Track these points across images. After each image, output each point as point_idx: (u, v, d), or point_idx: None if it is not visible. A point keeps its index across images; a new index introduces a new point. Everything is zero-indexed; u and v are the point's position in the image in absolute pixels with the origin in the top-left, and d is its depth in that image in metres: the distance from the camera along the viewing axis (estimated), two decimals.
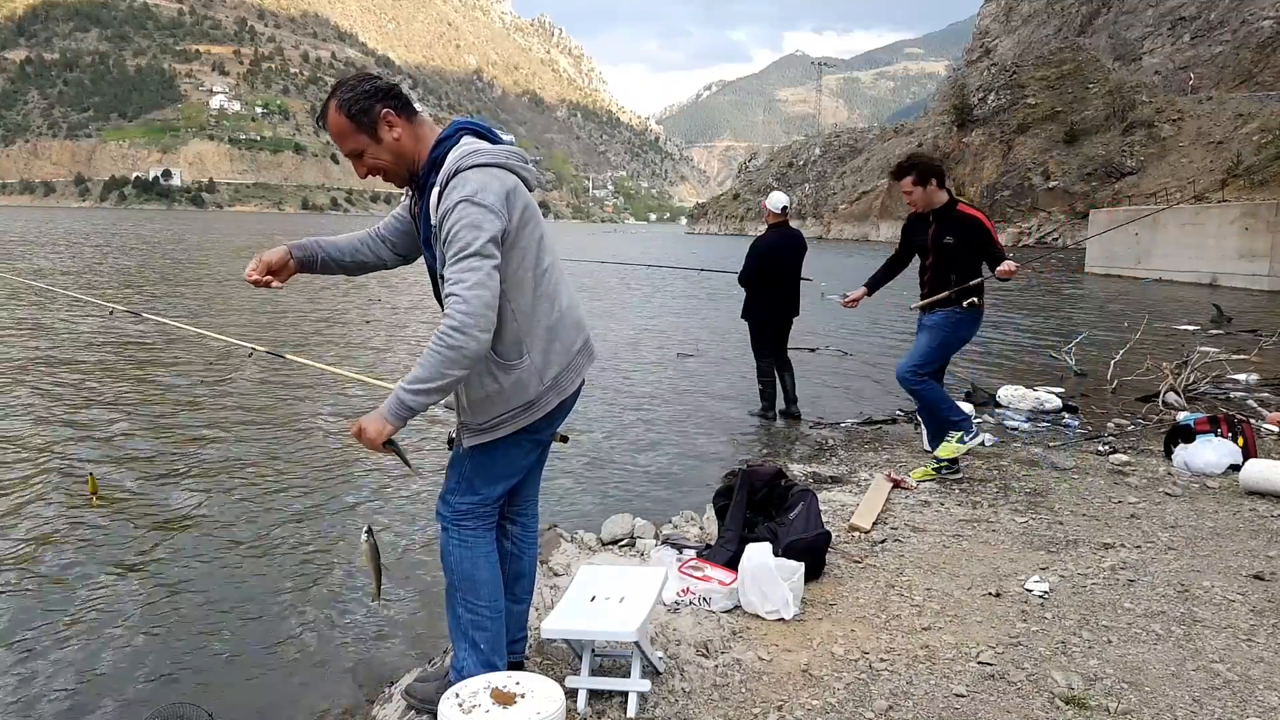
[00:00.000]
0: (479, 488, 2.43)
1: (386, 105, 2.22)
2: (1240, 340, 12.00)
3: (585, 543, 4.22)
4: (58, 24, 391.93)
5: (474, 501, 2.43)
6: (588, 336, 2.47)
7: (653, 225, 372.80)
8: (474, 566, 2.44)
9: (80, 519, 4.76)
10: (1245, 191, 37.01)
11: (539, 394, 2.33)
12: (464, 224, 2.09)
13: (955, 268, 5.12)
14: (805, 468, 5.52)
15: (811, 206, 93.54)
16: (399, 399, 2.10)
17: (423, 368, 2.08)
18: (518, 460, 2.46)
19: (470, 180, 2.14)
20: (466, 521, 2.43)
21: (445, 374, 2.08)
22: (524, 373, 2.29)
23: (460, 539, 2.43)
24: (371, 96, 2.21)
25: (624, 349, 11.61)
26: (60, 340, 10.81)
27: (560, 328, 2.35)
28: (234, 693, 3.09)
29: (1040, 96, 69.06)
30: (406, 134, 2.26)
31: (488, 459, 2.41)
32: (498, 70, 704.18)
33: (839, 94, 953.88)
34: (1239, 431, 5.29)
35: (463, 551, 2.43)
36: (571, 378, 2.40)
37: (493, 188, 2.15)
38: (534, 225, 2.27)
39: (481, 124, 2.36)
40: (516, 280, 2.23)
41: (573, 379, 2.41)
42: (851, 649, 2.91)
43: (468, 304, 2.06)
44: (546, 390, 2.34)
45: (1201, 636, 3.00)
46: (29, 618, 3.64)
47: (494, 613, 2.47)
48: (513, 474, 2.48)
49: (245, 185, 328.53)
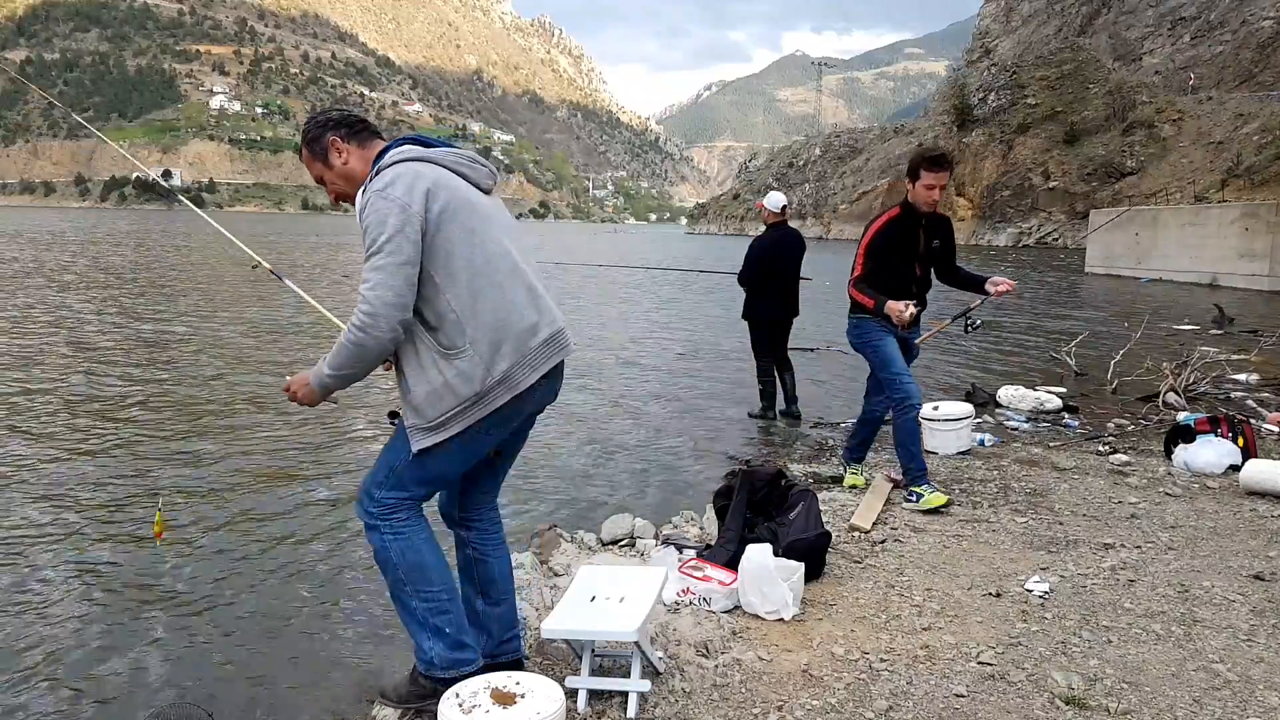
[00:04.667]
0: (408, 485, 2.37)
1: (335, 133, 2.39)
2: (1240, 340, 12.00)
3: (585, 543, 4.22)
4: (58, 24, 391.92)
5: (401, 496, 2.37)
6: (554, 332, 2.39)
7: (653, 225, 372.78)
8: (418, 554, 2.38)
9: (79, 517, 4.76)
10: (1245, 191, 37.01)
11: (487, 387, 2.25)
12: (371, 218, 2.17)
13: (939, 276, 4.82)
14: (805, 468, 5.52)
15: (811, 206, 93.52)
16: (320, 377, 2.25)
17: (335, 356, 2.22)
18: (455, 464, 2.38)
19: (384, 175, 2.22)
20: (396, 514, 2.37)
21: (355, 364, 2.23)
22: (468, 363, 2.23)
23: (394, 532, 2.37)
24: (322, 126, 2.40)
25: (624, 349, 11.61)
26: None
27: (511, 320, 2.28)
28: (234, 693, 3.08)
29: (1040, 96, 69.04)
30: (355, 158, 2.39)
31: (428, 458, 2.33)
32: (498, 70, 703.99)
33: (839, 94, 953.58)
34: (1239, 432, 5.29)
35: (401, 543, 2.37)
36: (526, 373, 2.31)
37: (403, 181, 2.18)
38: (462, 219, 2.24)
39: (430, 137, 2.41)
40: (448, 272, 2.21)
41: (527, 374, 2.31)
42: (851, 649, 2.91)
43: (369, 305, 2.13)
44: (496, 384, 2.26)
45: (1201, 636, 3.00)
46: (28, 617, 3.64)
47: (450, 593, 2.43)
48: (448, 478, 2.42)
49: (245, 185, 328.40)
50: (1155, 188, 48.70)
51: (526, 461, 6.12)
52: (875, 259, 4.59)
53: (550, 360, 2.36)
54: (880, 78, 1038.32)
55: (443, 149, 2.35)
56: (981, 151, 70.37)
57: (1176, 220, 27.52)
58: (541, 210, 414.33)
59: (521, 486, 5.56)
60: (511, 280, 2.31)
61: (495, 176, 2.45)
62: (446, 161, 2.30)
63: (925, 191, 4.50)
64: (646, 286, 23.11)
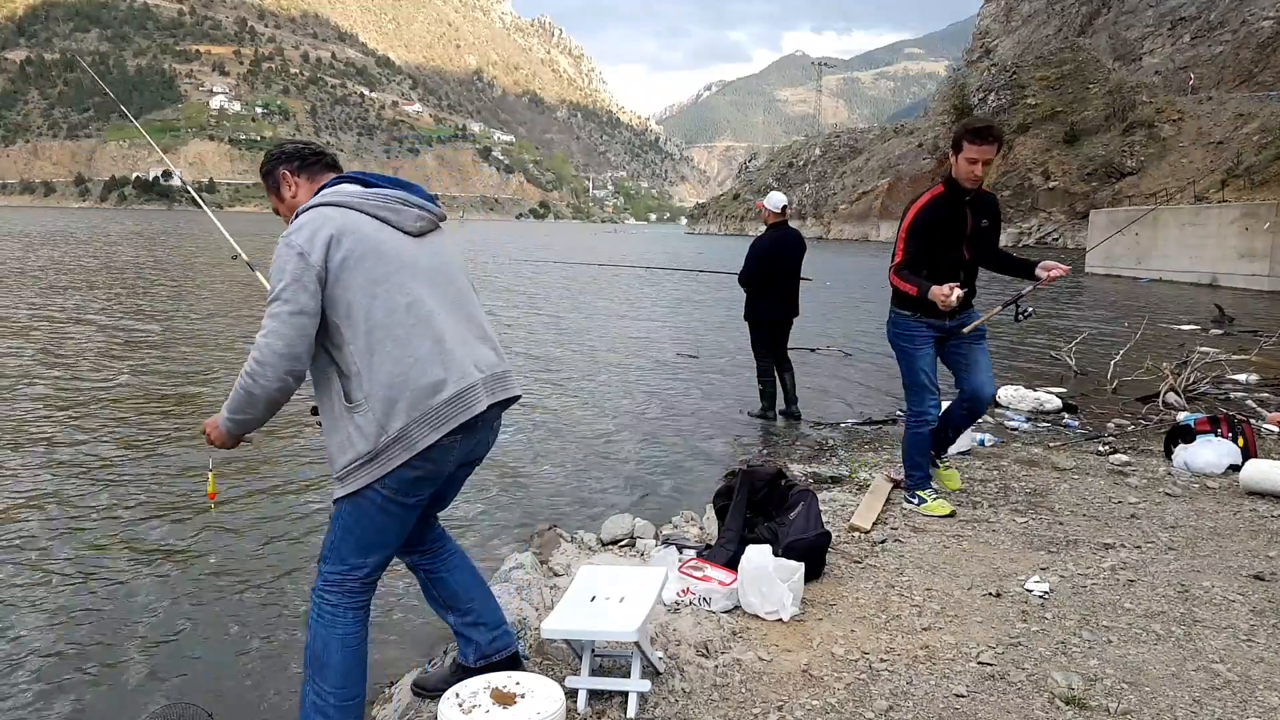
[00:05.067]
0: (346, 555, 2.25)
1: (286, 165, 2.41)
2: (1240, 340, 12.00)
3: (585, 543, 4.22)
4: (58, 24, 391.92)
5: (342, 571, 2.27)
6: (463, 388, 2.21)
7: (653, 225, 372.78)
8: (325, 648, 2.27)
9: (77, 517, 4.77)
10: (1245, 191, 36.98)
11: (381, 445, 2.12)
12: (275, 264, 2.14)
13: (980, 259, 4.38)
14: (805, 468, 5.52)
15: (811, 206, 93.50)
16: (224, 421, 2.21)
17: (231, 401, 2.18)
18: (386, 527, 2.25)
19: (297, 220, 2.20)
20: (329, 594, 2.28)
21: (247, 411, 2.17)
22: (363, 418, 2.13)
23: (319, 612, 2.28)
24: (276, 160, 2.43)
25: (624, 349, 11.61)
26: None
27: (410, 376, 2.14)
28: (234, 693, 3.08)
29: (1040, 96, 69.02)
30: (304, 191, 2.39)
31: (353, 520, 2.23)
32: (498, 70, 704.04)
33: (839, 94, 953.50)
34: (1239, 431, 5.29)
35: (318, 628, 2.27)
36: (425, 432, 2.14)
37: (308, 228, 2.13)
38: (366, 268, 2.14)
39: (371, 175, 2.35)
40: (349, 323, 2.13)
41: (425, 433, 2.14)
42: (851, 649, 2.91)
43: (259, 353, 2.10)
44: (391, 443, 2.12)
45: (1201, 636, 3.00)
46: (27, 616, 3.64)
47: (340, 702, 2.27)
48: (384, 543, 2.28)
49: (245, 185, 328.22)
50: (1155, 188, 48.68)
51: (527, 461, 6.12)
52: (917, 241, 4.23)
53: (456, 418, 2.19)
54: (880, 78, 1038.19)
55: (373, 190, 2.27)
56: None
57: (1176, 220, 27.53)
58: (541, 210, 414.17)
59: (522, 486, 5.56)
60: (416, 333, 2.17)
61: (429, 217, 2.34)
62: (366, 206, 2.21)
63: (968, 166, 4.12)
64: (646, 286, 23.11)
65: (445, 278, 2.33)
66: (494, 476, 5.71)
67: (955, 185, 4.20)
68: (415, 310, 2.19)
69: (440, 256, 2.35)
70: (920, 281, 4.13)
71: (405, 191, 2.34)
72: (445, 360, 2.20)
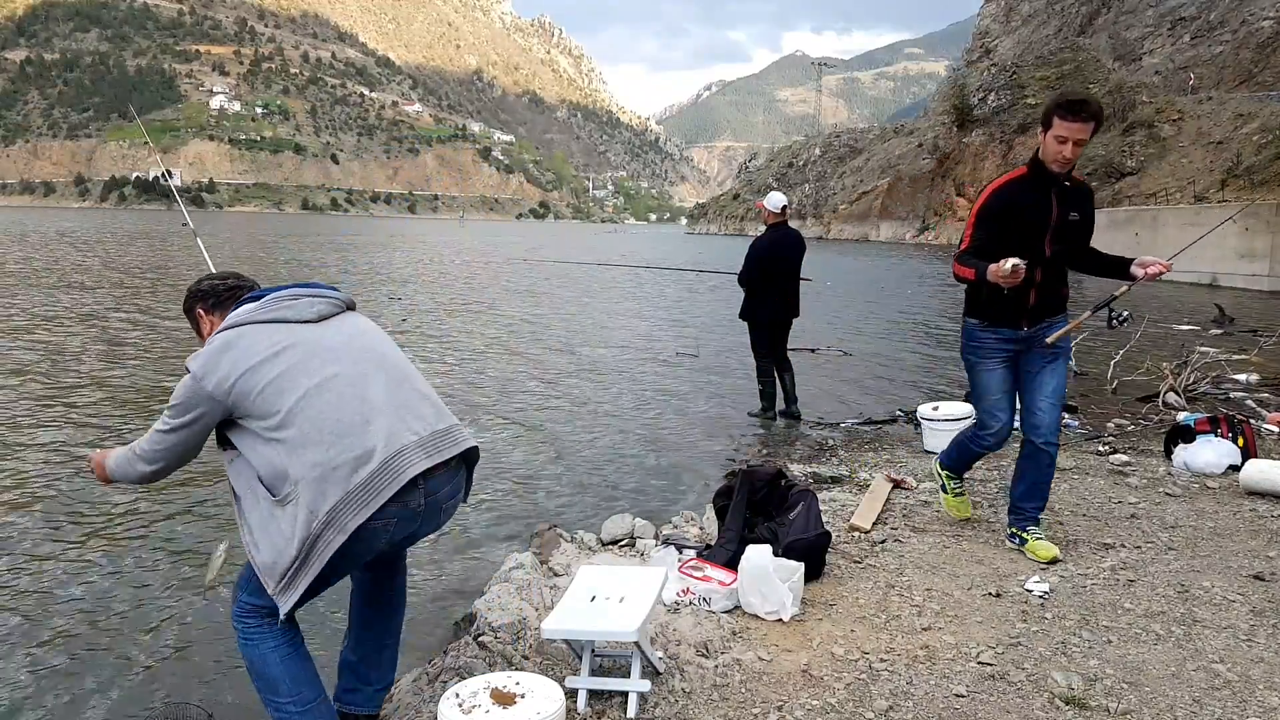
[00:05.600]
0: (264, 591, 2.19)
1: (201, 305, 2.51)
2: (1240, 340, 12.00)
3: (585, 543, 4.22)
4: (58, 24, 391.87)
5: (259, 604, 2.25)
6: (397, 450, 2.14)
7: (653, 225, 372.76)
8: (263, 664, 2.27)
9: (78, 515, 4.77)
10: (1245, 191, 36.96)
11: (315, 531, 2.07)
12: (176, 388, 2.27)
13: (1069, 259, 3.82)
14: (805, 468, 5.52)
15: (811, 206, 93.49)
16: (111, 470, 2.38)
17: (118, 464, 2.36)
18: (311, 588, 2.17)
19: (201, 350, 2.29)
20: (248, 618, 2.27)
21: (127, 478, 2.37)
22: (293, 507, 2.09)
23: (245, 636, 2.29)
24: (193, 298, 2.53)
25: (624, 349, 11.61)
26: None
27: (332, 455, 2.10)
28: (234, 693, 3.08)
29: (1040, 96, 68.89)
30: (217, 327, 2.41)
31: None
32: (498, 70, 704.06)
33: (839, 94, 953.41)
34: (1239, 432, 5.29)
35: (249, 650, 2.29)
36: (354, 511, 2.08)
37: (203, 354, 2.23)
38: (267, 369, 2.16)
39: (267, 289, 2.40)
40: (265, 419, 2.15)
41: (355, 512, 2.08)
42: (851, 649, 2.91)
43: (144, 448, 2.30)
44: (324, 528, 2.07)
45: (1201, 636, 3.00)
46: (27, 616, 3.64)
47: (301, 708, 2.28)
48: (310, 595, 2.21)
49: (245, 185, 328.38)
50: (1155, 188, 48.63)
51: (527, 461, 6.12)
52: (987, 229, 3.69)
53: (386, 489, 2.11)
54: (880, 78, 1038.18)
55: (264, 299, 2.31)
56: (981, 151, 70.36)
57: (1177, 220, 27.53)
58: (541, 210, 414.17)
59: (522, 486, 5.56)
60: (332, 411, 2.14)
61: (328, 301, 2.36)
62: (258, 316, 2.26)
63: (1057, 146, 3.56)
64: (646, 285, 23.11)
65: (361, 348, 2.32)
66: (494, 476, 5.71)
67: (1041, 168, 3.67)
68: (329, 388, 2.17)
69: (351, 332, 2.35)
70: (978, 263, 3.57)
71: (301, 287, 2.38)
72: (368, 430, 2.15)
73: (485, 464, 5.97)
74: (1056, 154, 3.57)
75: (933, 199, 73.33)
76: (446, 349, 11.26)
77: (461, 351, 11.06)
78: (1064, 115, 3.53)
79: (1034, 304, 3.73)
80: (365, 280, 22.75)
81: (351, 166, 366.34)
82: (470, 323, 14.19)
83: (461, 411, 7.61)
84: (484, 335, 12.66)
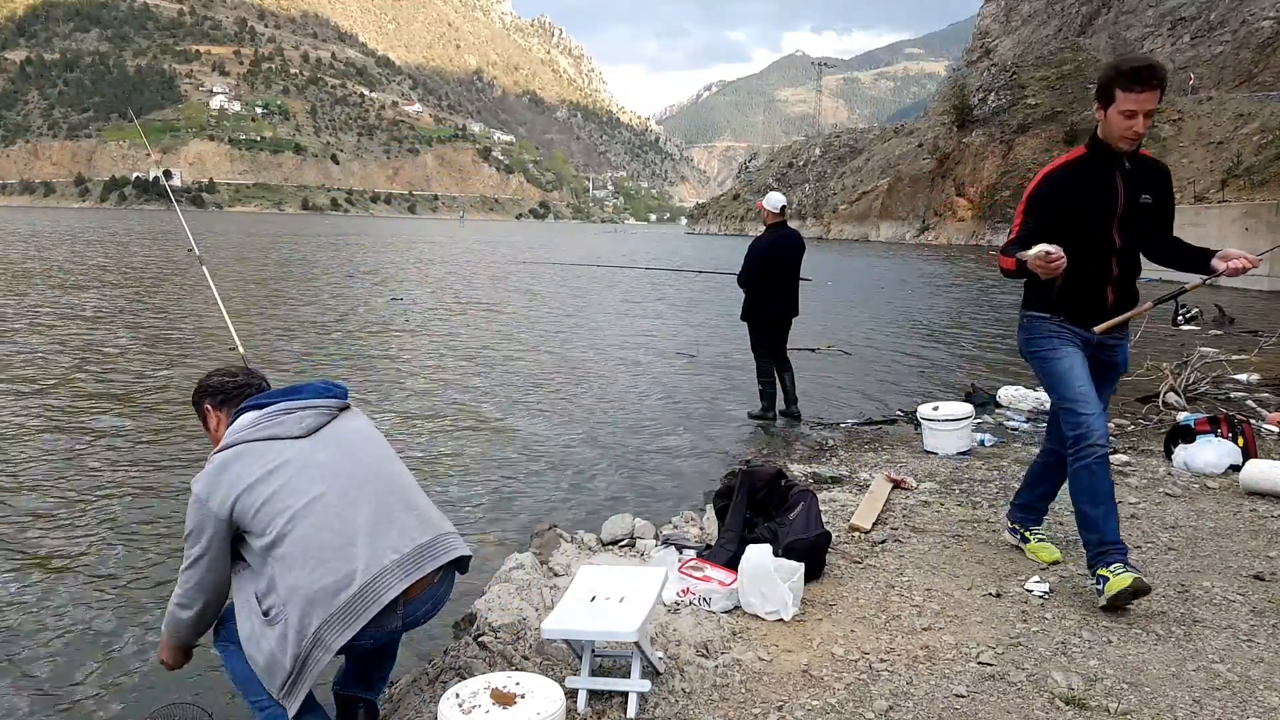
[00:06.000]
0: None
1: (210, 401, 2.59)
2: (1240, 340, 12.00)
3: (585, 543, 4.22)
4: (58, 24, 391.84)
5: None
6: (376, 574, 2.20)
7: (653, 225, 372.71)
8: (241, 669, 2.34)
9: (79, 514, 4.77)
10: (1245, 191, 37.00)
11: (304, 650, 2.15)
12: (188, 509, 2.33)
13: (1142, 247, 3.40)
14: (805, 468, 5.52)
15: (811, 207, 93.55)
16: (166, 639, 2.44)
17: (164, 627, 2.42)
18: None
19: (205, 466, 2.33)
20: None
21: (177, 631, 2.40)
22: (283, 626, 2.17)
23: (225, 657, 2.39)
24: (202, 393, 2.61)
25: (623, 349, 11.61)
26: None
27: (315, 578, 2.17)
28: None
29: (1040, 96, 69.05)
30: (223, 425, 2.50)
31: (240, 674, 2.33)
32: (498, 70, 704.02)
33: (839, 94, 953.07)
34: (1239, 432, 5.29)
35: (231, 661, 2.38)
36: (337, 631, 2.15)
37: (206, 476, 2.29)
38: (260, 489, 2.23)
39: (264, 396, 2.45)
40: (258, 538, 2.23)
41: (338, 633, 2.15)
42: (851, 649, 2.91)
43: (176, 589, 2.35)
44: (312, 647, 2.14)
45: (1201, 637, 3.00)
46: (26, 615, 3.64)
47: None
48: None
49: (245, 185, 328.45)
50: None
51: (527, 461, 6.12)
52: (1039, 216, 3.28)
53: (365, 613, 2.18)
54: (880, 78, 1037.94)
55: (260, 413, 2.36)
56: (981, 151, 70.39)
57: (1178, 220, 27.43)
58: (541, 210, 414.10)
59: (522, 486, 5.56)
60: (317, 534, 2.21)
61: (318, 411, 2.40)
62: (253, 435, 2.32)
63: (1123, 121, 3.13)
64: (646, 286, 23.11)
65: (350, 463, 2.36)
66: (495, 476, 5.71)
67: (1103, 148, 3.26)
68: (313, 510, 2.23)
69: (341, 444, 2.39)
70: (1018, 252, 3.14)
71: (291, 399, 2.41)
72: (350, 553, 2.21)
73: (486, 465, 5.98)
74: (1125, 130, 3.14)
75: (933, 199, 73.35)
76: (447, 349, 11.26)
77: (461, 352, 11.07)
78: (1129, 85, 3.09)
79: (1113, 303, 3.30)
80: (366, 280, 22.75)
81: (351, 166, 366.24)
82: (470, 323, 14.20)
83: (461, 412, 7.61)
84: (484, 335, 12.67)
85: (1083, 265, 3.20)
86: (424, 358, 10.49)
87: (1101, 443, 3.21)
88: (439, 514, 2.47)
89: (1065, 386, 3.30)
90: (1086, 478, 3.24)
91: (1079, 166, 3.31)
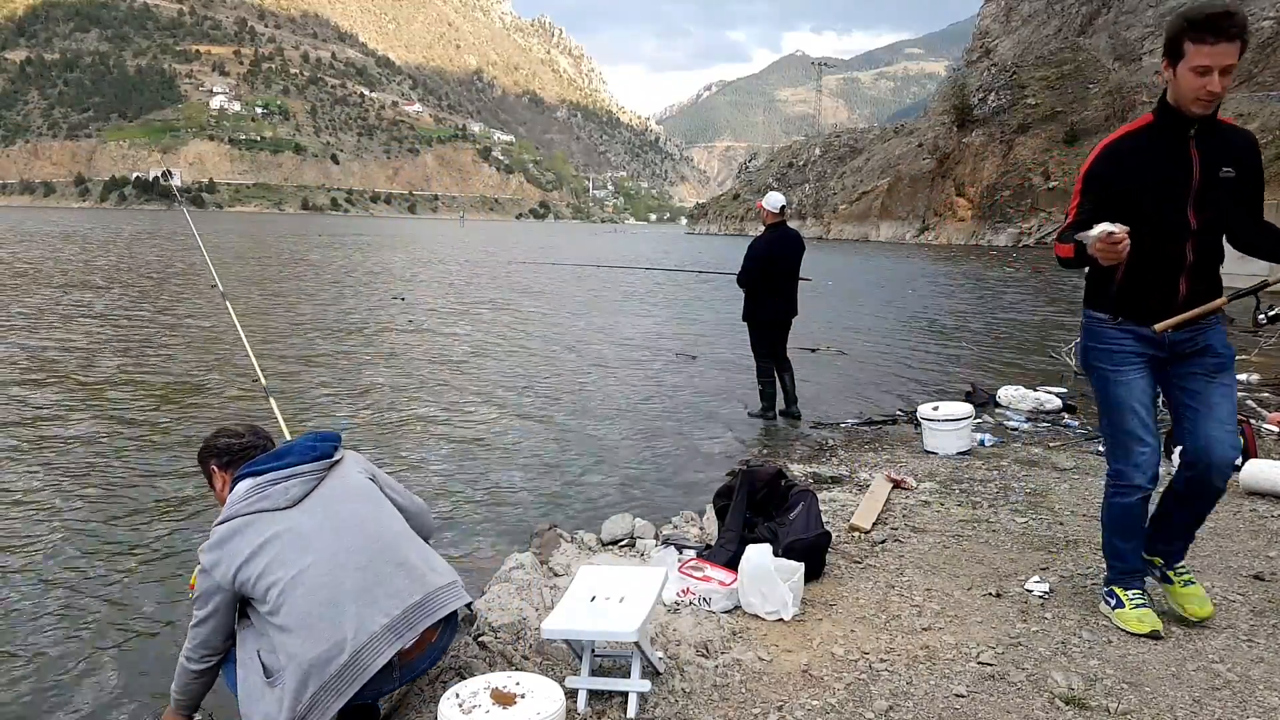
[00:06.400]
0: None
1: (215, 461, 2.68)
2: (1240, 340, 11.98)
3: (585, 543, 4.22)
4: (58, 24, 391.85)
5: None
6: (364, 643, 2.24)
7: (653, 225, 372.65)
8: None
9: (79, 513, 4.77)
10: None
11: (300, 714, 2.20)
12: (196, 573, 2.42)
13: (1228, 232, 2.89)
14: (805, 468, 5.52)
15: (811, 207, 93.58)
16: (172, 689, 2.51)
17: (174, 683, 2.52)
18: None
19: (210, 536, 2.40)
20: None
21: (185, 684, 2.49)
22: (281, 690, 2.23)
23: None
24: (208, 453, 2.70)
25: (624, 349, 11.61)
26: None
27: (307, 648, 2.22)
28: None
29: (1040, 96, 69.10)
30: (227, 485, 2.56)
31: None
32: (498, 70, 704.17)
33: (839, 94, 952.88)
34: (1239, 431, 5.28)
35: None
36: (331, 699, 2.21)
37: (211, 550, 2.37)
38: (255, 562, 2.30)
39: (259, 463, 2.48)
40: (258, 606, 2.32)
41: (332, 700, 2.21)
42: (851, 649, 2.91)
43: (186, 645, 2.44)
44: (308, 711, 2.20)
45: (1201, 636, 2.99)
46: (25, 615, 3.64)
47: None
48: None
49: (245, 185, 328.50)
50: None
51: (527, 461, 6.12)
52: (1097, 195, 2.84)
53: (355, 682, 2.23)
54: (880, 78, 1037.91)
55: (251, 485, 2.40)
56: (981, 151, 70.41)
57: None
58: (541, 210, 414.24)
59: (522, 486, 5.56)
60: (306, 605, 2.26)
61: (305, 476, 2.44)
62: (245, 509, 2.38)
63: (1196, 80, 2.66)
64: (646, 286, 23.10)
65: (337, 527, 2.40)
66: (494, 476, 5.71)
67: (1173, 113, 2.77)
68: (303, 580, 2.28)
69: (327, 509, 2.43)
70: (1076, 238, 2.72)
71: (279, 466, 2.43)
72: (339, 622, 2.26)
73: (486, 464, 5.99)
74: (1198, 90, 2.65)
75: (933, 199, 73.35)
76: (447, 349, 11.26)
77: (462, 352, 11.07)
78: (1201, 37, 2.62)
79: (1185, 296, 2.80)
80: (367, 280, 22.76)
81: (351, 166, 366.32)
82: (470, 322, 14.20)
83: (461, 412, 7.61)
84: (484, 335, 12.67)
85: (1150, 253, 2.74)
86: (423, 358, 10.49)
87: (1149, 485, 2.90)
88: (435, 562, 2.51)
89: (1119, 416, 2.92)
90: (1122, 514, 2.99)
91: (1145, 136, 2.82)
